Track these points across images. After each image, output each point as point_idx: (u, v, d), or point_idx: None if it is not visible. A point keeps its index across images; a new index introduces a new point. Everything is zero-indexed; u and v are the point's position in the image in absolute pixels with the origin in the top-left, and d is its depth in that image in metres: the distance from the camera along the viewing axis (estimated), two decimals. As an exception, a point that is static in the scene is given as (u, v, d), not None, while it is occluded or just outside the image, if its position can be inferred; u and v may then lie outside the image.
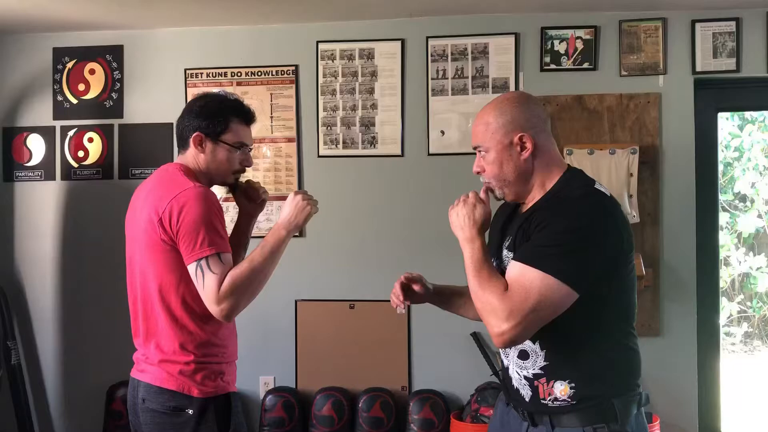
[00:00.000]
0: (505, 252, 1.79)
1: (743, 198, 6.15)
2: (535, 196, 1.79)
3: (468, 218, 1.77)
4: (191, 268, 1.95)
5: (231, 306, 1.94)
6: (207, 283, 1.93)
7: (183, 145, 2.14)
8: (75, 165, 3.72)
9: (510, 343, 1.67)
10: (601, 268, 1.67)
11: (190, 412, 1.98)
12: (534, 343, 1.73)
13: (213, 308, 1.95)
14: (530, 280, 1.62)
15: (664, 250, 3.33)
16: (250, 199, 2.25)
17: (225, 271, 1.94)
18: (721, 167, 5.19)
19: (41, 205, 3.74)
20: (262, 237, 2.09)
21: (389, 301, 2.02)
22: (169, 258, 1.99)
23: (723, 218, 5.82)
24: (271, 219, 3.50)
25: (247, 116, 2.14)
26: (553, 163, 1.79)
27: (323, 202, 2.23)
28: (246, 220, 2.29)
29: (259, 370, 3.54)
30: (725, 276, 5.95)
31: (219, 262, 1.94)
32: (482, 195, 1.81)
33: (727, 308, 6.01)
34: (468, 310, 1.99)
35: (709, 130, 3.46)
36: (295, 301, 3.57)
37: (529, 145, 1.75)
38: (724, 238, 5.87)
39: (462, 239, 1.77)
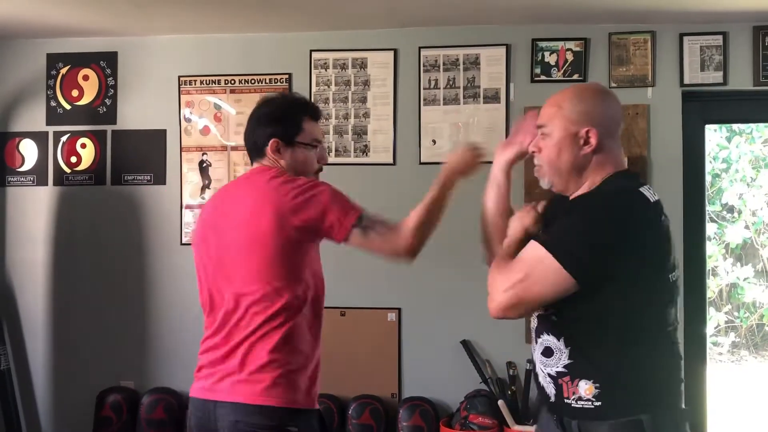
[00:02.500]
0: None
1: (731, 209, 6.21)
2: (581, 192, 1.75)
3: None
4: (354, 233, 1.92)
5: (418, 241, 1.97)
6: (381, 231, 1.95)
7: (259, 154, 2.05)
8: (67, 170, 3.73)
9: (499, 312, 1.66)
10: (624, 268, 1.61)
11: (294, 429, 1.88)
12: (558, 340, 1.69)
13: (402, 244, 1.95)
14: (532, 253, 1.64)
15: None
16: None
17: (384, 218, 1.98)
18: (708, 178, 5.25)
19: (33, 211, 3.74)
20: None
21: (380, 308, 2.03)
22: (281, 252, 1.89)
23: (711, 229, 5.89)
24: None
25: (315, 112, 2.12)
26: (610, 164, 1.73)
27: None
28: None
29: (249, 377, 3.54)
30: (713, 286, 6.00)
31: (373, 215, 1.97)
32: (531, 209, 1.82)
33: (714, 318, 6.06)
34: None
35: (697, 141, 3.51)
36: (286, 308, 3.58)
37: (593, 141, 1.70)
38: (712, 249, 5.93)
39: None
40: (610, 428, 1.64)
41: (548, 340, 1.72)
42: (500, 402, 3.25)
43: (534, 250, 1.64)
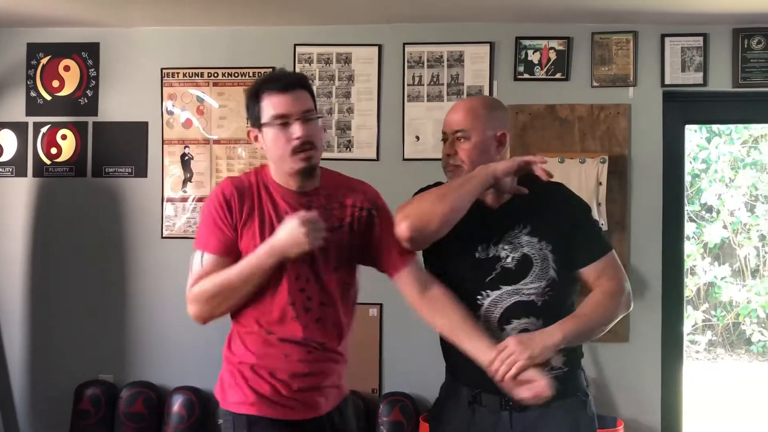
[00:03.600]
0: (526, 238, 1.88)
1: (709, 209, 6.30)
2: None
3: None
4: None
5: (194, 311, 1.82)
6: (190, 281, 1.84)
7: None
8: (47, 162, 3.69)
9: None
10: None
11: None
12: (538, 320, 1.84)
13: (188, 306, 1.85)
14: (613, 260, 1.91)
15: (630, 259, 3.40)
16: None
17: (200, 273, 1.81)
18: (688, 178, 5.32)
19: (11, 202, 3.69)
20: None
21: (361, 303, 2.04)
22: None
23: (689, 228, 5.96)
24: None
25: (274, 83, 1.83)
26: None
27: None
28: None
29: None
30: (691, 285, 6.08)
31: (198, 262, 1.83)
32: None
33: (692, 317, 6.14)
34: None
35: (677, 141, 3.55)
36: (268, 303, 3.57)
37: (506, 142, 1.95)
38: (690, 248, 6.01)
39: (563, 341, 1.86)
40: (573, 383, 1.89)
41: (526, 322, 1.84)
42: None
43: (610, 258, 1.91)
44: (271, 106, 1.81)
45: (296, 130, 1.80)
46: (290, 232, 1.73)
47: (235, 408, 1.85)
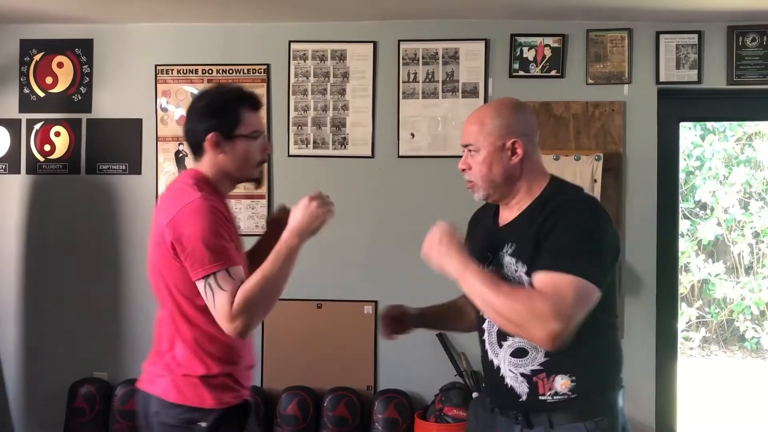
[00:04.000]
0: (507, 259, 1.79)
1: (703, 206, 6.31)
2: (522, 199, 1.84)
3: (452, 248, 1.75)
4: (199, 285, 1.84)
5: (245, 323, 1.82)
6: (218, 302, 1.81)
7: (198, 152, 1.99)
8: (41, 159, 3.67)
9: (561, 342, 1.63)
10: (607, 266, 1.75)
11: (203, 424, 1.89)
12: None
13: (227, 326, 1.83)
14: (566, 284, 1.64)
15: (625, 256, 3.41)
16: (283, 225, 2.00)
17: (236, 287, 1.81)
18: (682, 176, 5.33)
19: (5, 200, 3.68)
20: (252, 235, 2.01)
21: (357, 301, 2.03)
22: (183, 270, 1.88)
23: (683, 225, 5.98)
24: (238, 217, 3.50)
25: (254, 102, 2.02)
26: (538, 170, 1.86)
27: (292, 201, 2.22)
28: (274, 241, 1.98)
29: (224, 369, 3.53)
30: (685, 282, 6.10)
31: (228, 278, 1.82)
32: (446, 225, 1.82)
33: (686, 313, 6.16)
34: (458, 323, 2.12)
35: (671, 139, 3.55)
36: (263, 300, 3.56)
37: (519, 151, 1.81)
38: (685, 245, 6.02)
39: (457, 269, 1.73)
40: (582, 411, 1.74)
41: (520, 342, 1.77)
42: (475, 394, 3.27)
43: (573, 282, 1.64)
44: (249, 121, 1.99)
45: (266, 145, 2.05)
46: (307, 211, 1.89)
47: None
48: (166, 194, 2.01)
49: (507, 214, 1.87)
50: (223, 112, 1.96)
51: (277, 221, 2.10)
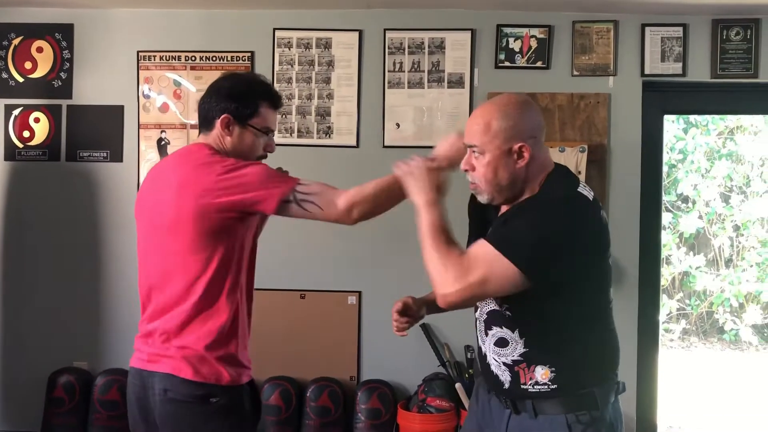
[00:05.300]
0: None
1: (685, 199, 6.36)
2: (526, 196, 1.80)
3: (429, 182, 1.78)
4: (284, 207, 1.90)
5: (358, 214, 1.96)
6: (321, 202, 1.91)
7: (208, 126, 2.03)
8: (20, 145, 3.61)
9: (451, 306, 1.70)
10: (573, 265, 1.69)
11: (216, 400, 1.92)
12: (513, 332, 1.76)
13: (341, 217, 1.95)
14: (485, 254, 1.66)
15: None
16: None
17: (323, 183, 1.94)
18: (665, 169, 5.36)
19: (-17, 186, 3.62)
20: None
21: (340, 291, 2.02)
22: (204, 235, 1.88)
23: (666, 218, 6.02)
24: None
25: (276, 100, 2.07)
26: (543, 168, 1.79)
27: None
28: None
29: (206, 359, 3.51)
30: (666, 274, 6.15)
31: (308, 183, 1.93)
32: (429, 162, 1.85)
33: (667, 305, 6.22)
34: None
35: (655, 131, 3.57)
36: (245, 290, 3.54)
37: (526, 155, 1.74)
38: (666, 238, 6.07)
39: (422, 203, 1.77)
40: (564, 403, 1.74)
41: (502, 332, 1.78)
42: (458, 385, 3.28)
43: (488, 250, 1.66)
44: (265, 116, 2.04)
45: (272, 144, 2.09)
46: (454, 144, 1.90)
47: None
48: (182, 163, 1.97)
49: (503, 207, 1.84)
50: (245, 100, 2.01)
51: None
